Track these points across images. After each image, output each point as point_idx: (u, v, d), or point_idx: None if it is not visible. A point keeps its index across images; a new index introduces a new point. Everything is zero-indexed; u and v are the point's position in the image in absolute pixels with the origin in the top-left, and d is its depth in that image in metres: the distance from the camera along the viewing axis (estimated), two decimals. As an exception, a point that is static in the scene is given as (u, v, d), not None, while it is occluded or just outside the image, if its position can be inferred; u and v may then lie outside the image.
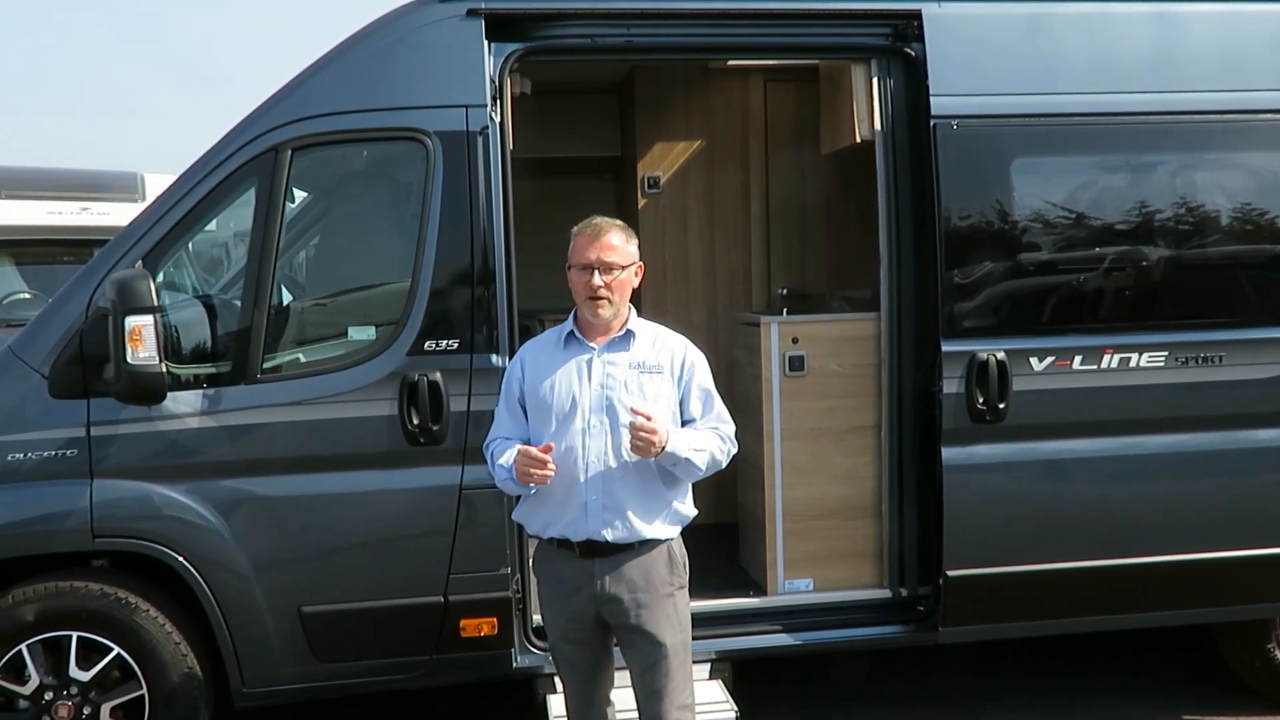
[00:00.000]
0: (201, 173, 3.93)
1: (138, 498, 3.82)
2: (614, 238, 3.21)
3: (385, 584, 3.97)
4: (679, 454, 3.12)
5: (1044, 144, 4.29)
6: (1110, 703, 4.76)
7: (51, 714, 3.82)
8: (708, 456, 3.20)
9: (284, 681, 3.99)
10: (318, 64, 4.02)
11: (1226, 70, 4.34)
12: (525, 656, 4.13)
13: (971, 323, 4.20)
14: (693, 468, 3.18)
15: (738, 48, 4.57)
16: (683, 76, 5.81)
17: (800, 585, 4.64)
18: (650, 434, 3.04)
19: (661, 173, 5.87)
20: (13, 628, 3.80)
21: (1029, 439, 4.24)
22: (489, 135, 3.94)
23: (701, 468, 3.20)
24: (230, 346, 3.93)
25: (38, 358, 3.85)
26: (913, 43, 4.22)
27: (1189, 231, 4.36)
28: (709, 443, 3.22)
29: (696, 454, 3.16)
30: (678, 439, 3.13)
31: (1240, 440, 4.34)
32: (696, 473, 3.21)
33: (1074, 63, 4.26)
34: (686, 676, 3.29)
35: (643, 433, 3.03)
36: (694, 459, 3.16)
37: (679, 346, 3.29)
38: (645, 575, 3.20)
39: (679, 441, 3.13)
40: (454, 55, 3.96)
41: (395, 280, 4.04)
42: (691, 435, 3.20)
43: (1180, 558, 4.31)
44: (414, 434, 3.89)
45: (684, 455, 3.13)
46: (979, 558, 4.23)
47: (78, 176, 8.49)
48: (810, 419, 4.60)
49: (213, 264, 7.28)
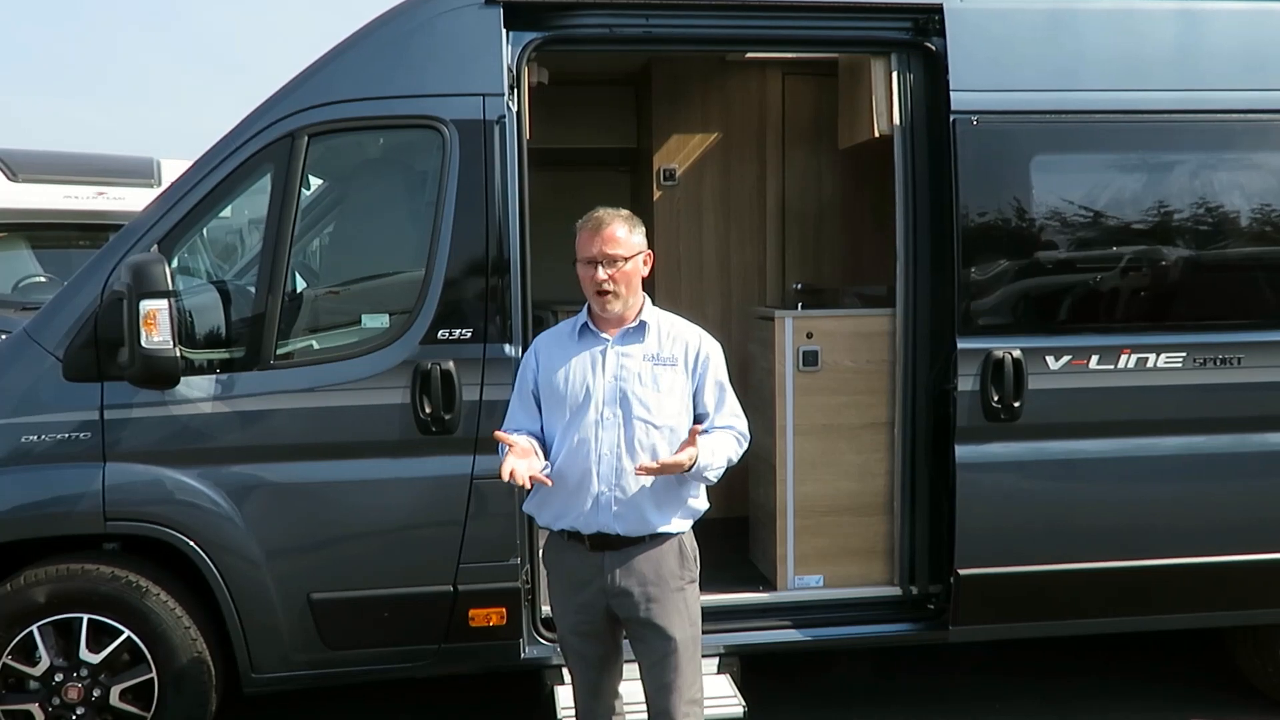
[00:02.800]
0: (218, 158, 3.93)
1: (150, 482, 3.83)
2: (617, 229, 3.18)
3: (395, 572, 3.97)
4: (704, 473, 3.13)
5: (1064, 141, 4.26)
6: (1118, 705, 4.73)
7: (61, 695, 3.83)
8: (723, 460, 3.20)
9: (293, 668, 4.00)
10: (335, 50, 4.01)
11: (1251, 69, 4.29)
12: (533, 647, 4.12)
13: (987, 320, 4.17)
14: (713, 476, 3.19)
15: (757, 40, 4.54)
16: (700, 69, 5.78)
17: (810, 581, 4.63)
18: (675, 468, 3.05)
19: (677, 165, 5.85)
20: (24, 609, 3.82)
21: (1043, 438, 4.21)
22: (506, 124, 3.93)
23: (718, 476, 3.20)
24: (244, 332, 3.93)
25: (53, 340, 3.85)
26: (934, 37, 4.20)
27: (1209, 232, 4.32)
28: (726, 449, 3.21)
29: (715, 471, 3.17)
30: (708, 455, 3.12)
31: (1257, 443, 4.31)
32: (714, 481, 3.22)
33: (1096, 59, 4.23)
34: (696, 671, 3.28)
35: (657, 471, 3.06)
36: (711, 477, 3.17)
37: (694, 337, 3.27)
38: (656, 569, 3.19)
39: (705, 459, 3.11)
40: (472, 43, 3.94)
41: (409, 268, 4.04)
42: (715, 447, 3.17)
43: (1194, 560, 4.28)
44: (426, 423, 3.89)
45: (705, 474, 3.13)
46: (991, 557, 4.21)
47: (94, 161, 8.52)
48: (823, 415, 4.57)
49: (227, 251, 7.30)
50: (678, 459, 3.05)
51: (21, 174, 7.84)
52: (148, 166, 8.44)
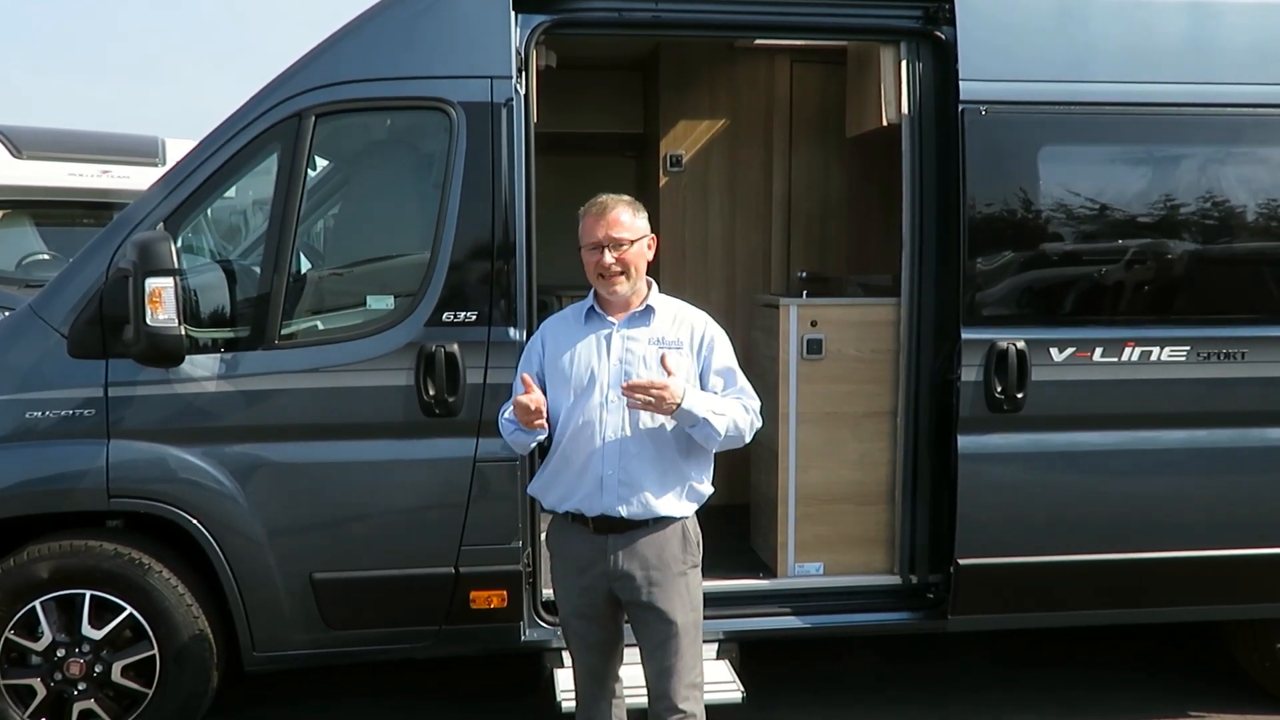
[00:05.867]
0: (225, 137, 3.92)
1: (153, 460, 3.84)
2: (620, 213, 3.18)
3: (397, 553, 3.98)
4: (695, 413, 3.06)
5: (1073, 132, 4.24)
6: (1116, 696, 4.75)
7: (63, 671, 3.85)
8: (728, 422, 3.13)
9: (294, 647, 4.01)
10: (343, 31, 4.00)
11: (1261, 63, 4.27)
12: (534, 630, 4.14)
13: (992, 311, 4.17)
14: (711, 431, 3.10)
15: (766, 26, 4.52)
16: (708, 55, 5.76)
17: (810, 569, 4.64)
18: (660, 390, 2.99)
19: (684, 151, 5.84)
20: (27, 584, 3.83)
21: (1046, 430, 4.21)
22: (513, 107, 3.92)
23: (721, 433, 3.12)
24: (248, 312, 3.93)
25: (57, 317, 3.86)
26: (944, 26, 4.18)
27: (1216, 226, 4.31)
28: (731, 409, 3.16)
29: (716, 417, 3.10)
30: (695, 397, 3.07)
31: (1258, 438, 4.31)
32: (716, 438, 3.13)
33: (1106, 51, 4.21)
34: (696, 655, 3.29)
35: (644, 393, 2.99)
36: (713, 421, 3.09)
37: (699, 322, 3.27)
38: (659, 553, 3.19)
39: (695, 399, 3.07)
40: (480, 25, 3.93)
41: (415, 251, 4.03)
42: (713, 399, 3.15)
43: (1194, 554, 4.29)
44: (429, 405, 3.89)
45: (701, 415, 3.07)
46: (991, 547, 4.22)
47: (99, 139, 8.52)
48: (826, 403, 4.58)
49: (232, 231, 7.30)
50: (665, 382, 3.00)
51: (26, 151, 7.85)
52: (153, 145, 8.44)
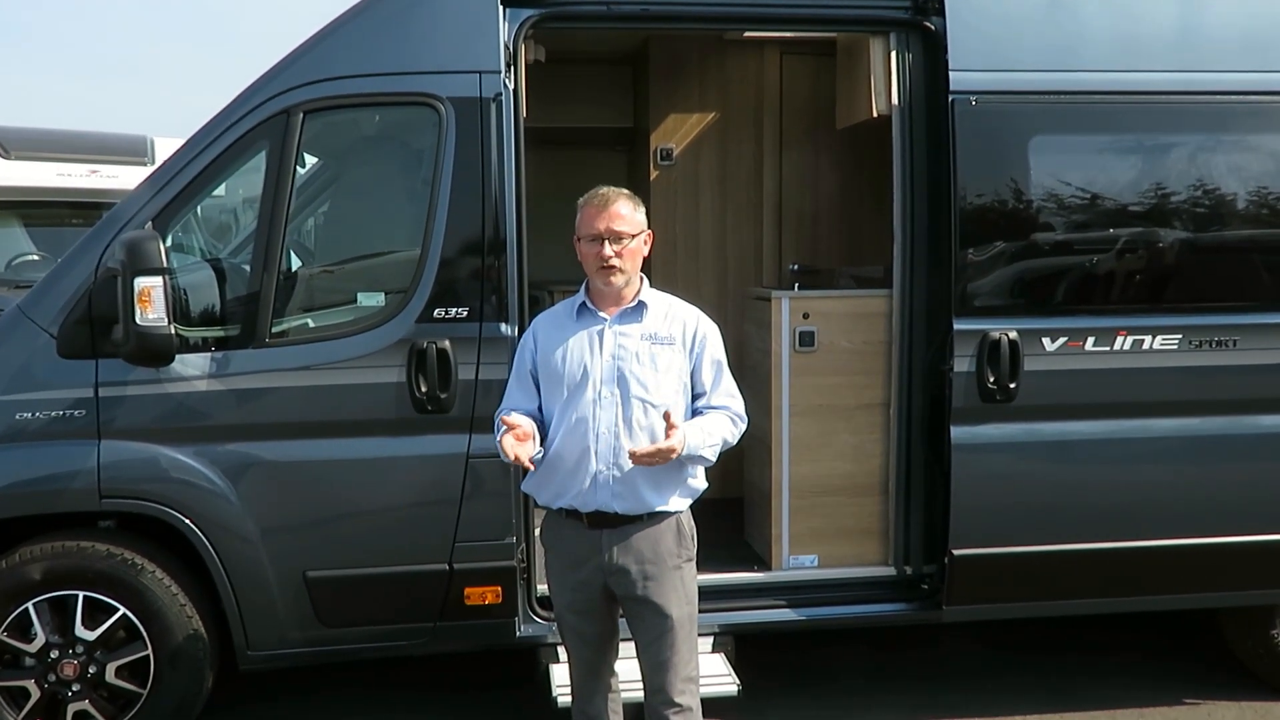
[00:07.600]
0: (213, 134, 3.90)
1: (145, 459, 3.82)
2: (622, 207, 3.18)
3: (391, 550, 3.97)
4: (699, 453, 3.13)
5: (1063, 122, 4.24)
6: (1111, 684, 4.76)
7: (57, 672, 3.84)
8: (719, 446, 3.21)
9: (288, 645, 4.00)
10: (331, 26, 3.98)
11: (1251, 51, 4.27)
12: (529, 626, 4.14)
13: (984, 301, 4.17)
14: (707, 462, 3.20)
15: (755, 19, 4.52)
16: (698, 48, 5.76)
17: (805, 561, 4.64)
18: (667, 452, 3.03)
19: (674, 145, 5.83)
20: (19, 586, 3.82)
21: (1039, 419, 4.21)
22: (502, 102, 3.90)
23: (714, 460, 3.21)
24: (239, 310, 3.91)
25: (46, 317, 3.84)
26: (933, 16, 4.17)
27: (1206, 214, 4.31)
28: (720, 428, 3.22)
29: (711, 449, 3.18)
30: (696, 437, 3.12)
31: (1250, 425, 4.32)
32: (709, 464, 3.22)
33: (1096, 40, 4.21)
34: (692, 649, 3.29)
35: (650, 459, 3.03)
36: (708, 455, 3.17)
37: (691, 317, 3.28)
38: (653, 547, 3.20)
39: (697, 439, 3.12)
40: (469, 20, 3.92)
41: (405, 247, 4.02)
42: (708, 427, 3.18)
43: (1187, 542, 4.30)
44: (421, 401, 3.88)
45: (700, 453, 3.14)
46: (985, 537, 4.22)
47: (88, 139, 8.48)
48: (819, 395, 4.58)
49: (221, 230, 7.27)
50: (670, 444, 3.03)
51: (14, 151, 7.81)
52: (142, 145, 8.40)
